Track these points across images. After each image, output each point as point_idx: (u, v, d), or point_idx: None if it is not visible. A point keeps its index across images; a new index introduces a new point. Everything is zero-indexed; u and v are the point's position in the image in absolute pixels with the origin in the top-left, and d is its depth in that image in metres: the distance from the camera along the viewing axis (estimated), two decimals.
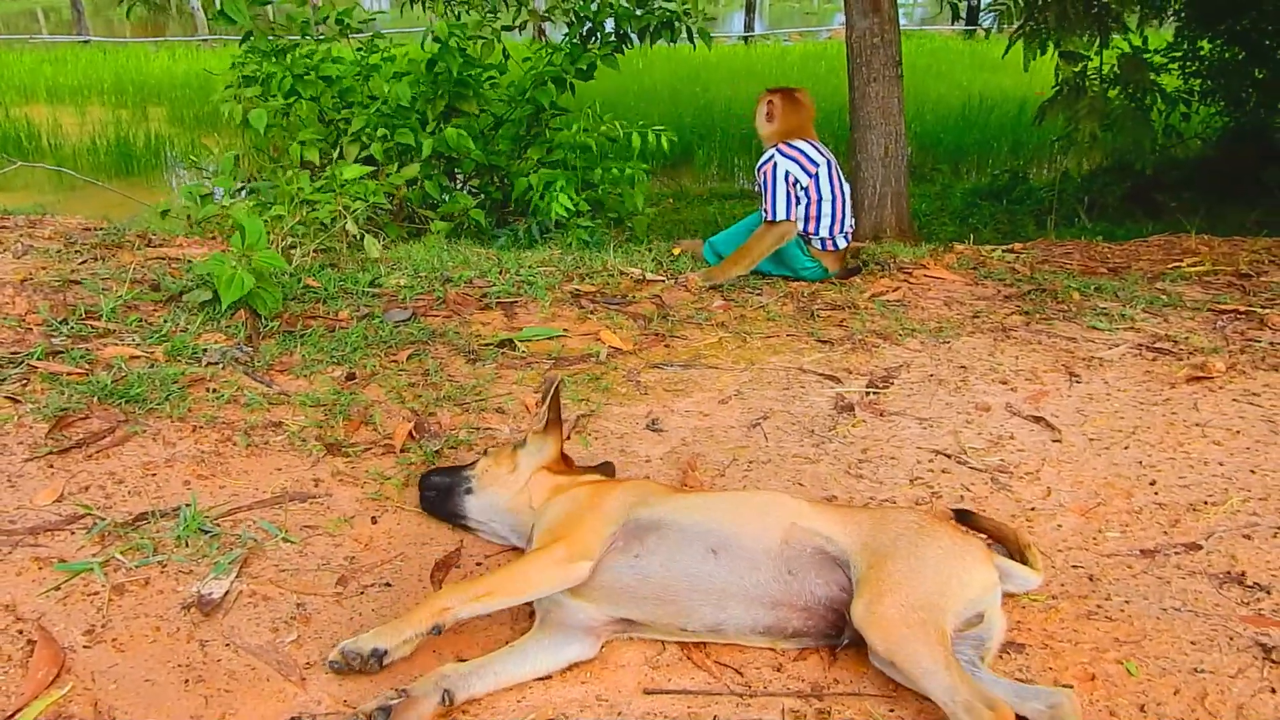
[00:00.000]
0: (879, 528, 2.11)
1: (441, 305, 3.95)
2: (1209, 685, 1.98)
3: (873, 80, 7.34)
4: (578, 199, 5.97)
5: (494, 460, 2.46)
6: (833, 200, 4.34)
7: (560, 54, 6.62)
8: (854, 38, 7.35)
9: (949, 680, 1.81)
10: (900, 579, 1.97)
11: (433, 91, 6.55)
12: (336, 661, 1.99)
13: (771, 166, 4.29)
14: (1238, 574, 2.33)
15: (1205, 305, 4.02)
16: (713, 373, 3.43)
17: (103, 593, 2.20)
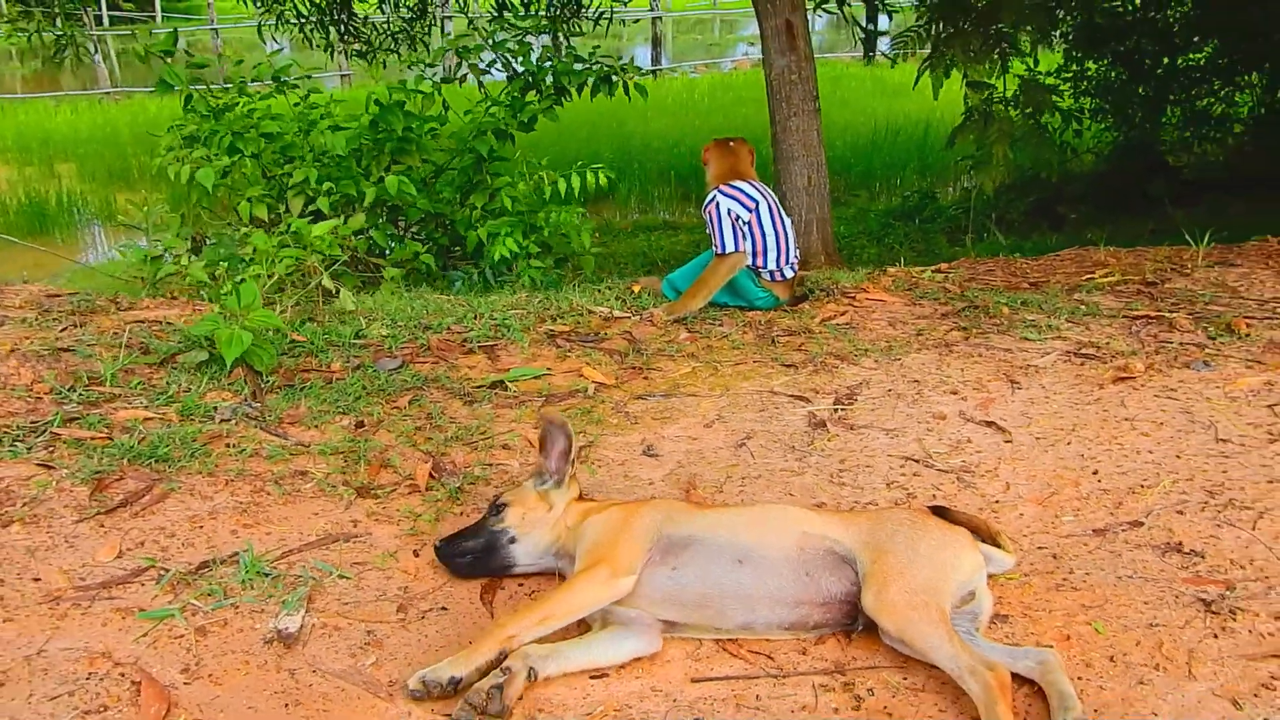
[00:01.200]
0: (876, 526, 2.45)
1: (427, 352, 4.20)
2: (1164, 636, 2.36)
3: (793, 115, 7.77)
4: (526, 241, 6.26)
5: (525, 506, 2.67)
6: (775, 235, 4.72)
7: (501, 108, 6.92)
8: (773, 75, 7.77)
9: (952, 650, 2.15)
10: (901, 569, 2.31)
11: (376, 147, 6.79)
12: (417, 690, 2.22)
13: (714, 205, 4.67)
14: (1175, 544, 2.72)
15: (1120, 312, 4.48)
16: (693, 400, 3.75)
17: (187, 635, 2.42)
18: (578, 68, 7.03)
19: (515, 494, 2.74)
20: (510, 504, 2.70)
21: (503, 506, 2.70)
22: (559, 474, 2.71)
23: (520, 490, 2.75)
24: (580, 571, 2.41)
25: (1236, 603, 2.46)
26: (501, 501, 2.72)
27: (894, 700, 2.21)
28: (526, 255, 6.20)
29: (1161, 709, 2.14)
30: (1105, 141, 12.29)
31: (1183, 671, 2.24)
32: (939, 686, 2.24)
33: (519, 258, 6.20)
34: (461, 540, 2.67)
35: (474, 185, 7.06)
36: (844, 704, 2.20)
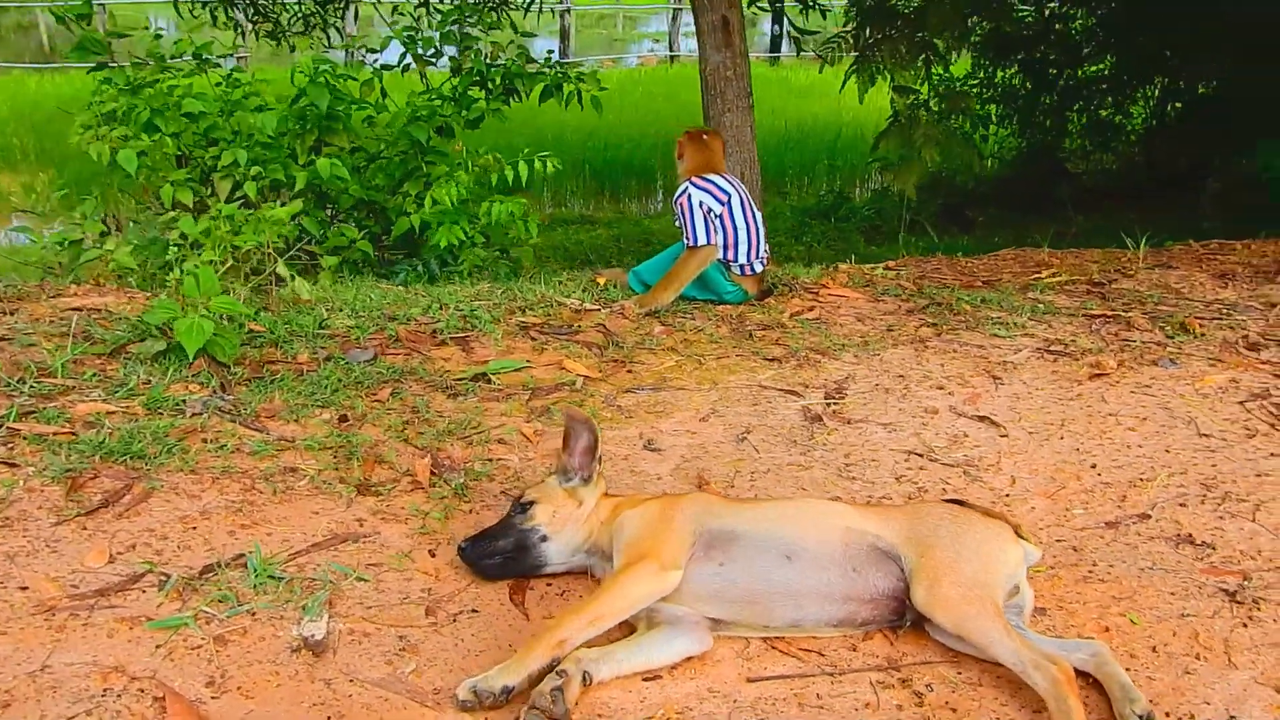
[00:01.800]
0: (916, 521, 2.44)
1: (397, 343, 4.04)
2: (1197, 626, 2.41)
3: (727, 110, 7.78)
4: (471, 230, 6.10)
5: (554, 503, 2.57)
6: (747, 228, 4.70)
7: (448, 104, 6.73)
8: (708, 71, 7.77)
9: (1013, 645, 2.15)
10: (950, 563, 2.30)
11: (300, 126, 6.53)
12: (468, 700, 2.10)
13: (686, 198, 4.63)
14: (1186, 536, 2.79)
15: (1077, 311, 4.61)
16: (683, 394, 3.70)
17: (206, 645, 2.26)
18: (531, 71, 6.89)
19: (541, 491, 2.64)
20: (538, 501, 2.59)
21: (530, 504, 2.59)
22: (586, 470, 2.62)
23: (545, 487, 2.65)
24: (625, 567, 2.33)
25: (1257, 593, 2.53)
26: (527, 500, 2.61)
27: (954, 696, 2.20)
28: (471, 244, 6.04)
29: (1212, 698, 2.18)
30: (1009, 148, 12.71)
31: (1223, 660, 2.29)
32: (995, 681, 2.24)
33: (464, 247, 6.03)
34: (489, 541, 2.55)
35: (410, 173, 6.85)
36: (906, 701, 2.18)
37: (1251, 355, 4.06)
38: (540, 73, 7.11)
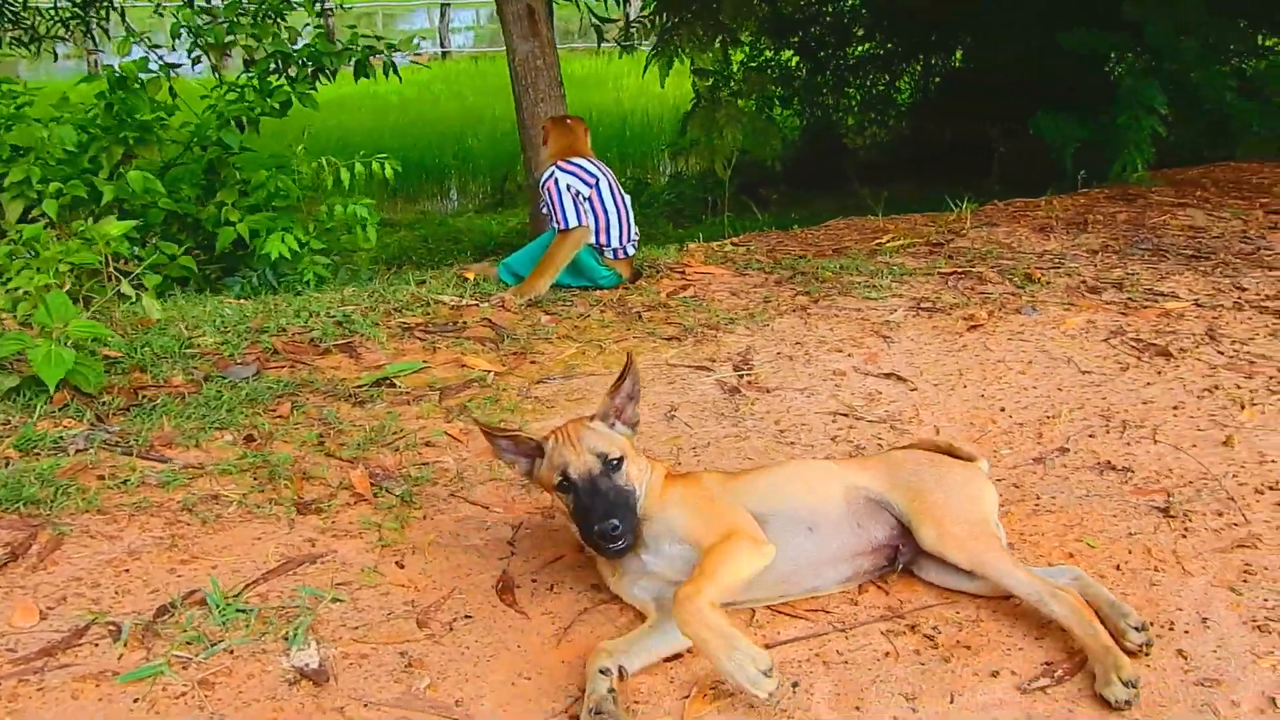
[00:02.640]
0: (896, 469, 2.51)
1: (277, 356, 3.79)
2: (1146, 542, 2.60)
3: (540, 101, 7.73)
4: (307, 237, 5.79)
5: (634, 459, 2.36)
6: (617, 211, 4.69)
7: (250, 91, 6.34)
8: (517, 61, 7.70)
9: (1025, 576, 2.25)
10: (945, 504, 2.38)
11: (108, 137, 6.01)
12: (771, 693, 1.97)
13: (553, 182, 4.57)
14: (1105, 463, 3.01)
15: (931, 271, 4.86)
16: (597, 379, 3.65)
17: (190, 691, 2.05)
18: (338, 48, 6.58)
19: (614, 441, 2.36)
20: (626, 457, 2.33)
21: (620, 461, 2.31)
22: (635, 420, 2.47)
23: (614, 438, 2.38)
24: (723, 542, 2.17)
25: (1184, 506, 2.75)
26: (614, 455, 2.31)
27: (962, 634, 2.28)
28: (310, 252, 5.73)
29: (1182, 604, 2.36)
30: (791, 127, 13.24)
31: (1179, 570, 2.49)
32: (993, 615, 2.34)
33: (300, 256, 5.71)
34: (610, 515, 2.22)
35: (222, 180, 6.42)
36: (921, 645, 2.25)
37: (1095, 298, 4.42)
38: (348, 49, 6.81)
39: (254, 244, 5.78)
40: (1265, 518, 2.70)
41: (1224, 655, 2.18)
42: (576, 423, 2.41)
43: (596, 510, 2.22)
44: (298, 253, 5.60)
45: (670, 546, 2.27)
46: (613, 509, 2.22)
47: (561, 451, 2.32)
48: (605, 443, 2.34)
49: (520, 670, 2.15)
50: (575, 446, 2.32)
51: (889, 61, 12.84)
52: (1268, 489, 2.84)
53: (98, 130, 5.98)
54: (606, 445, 2.33)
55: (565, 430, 2.38)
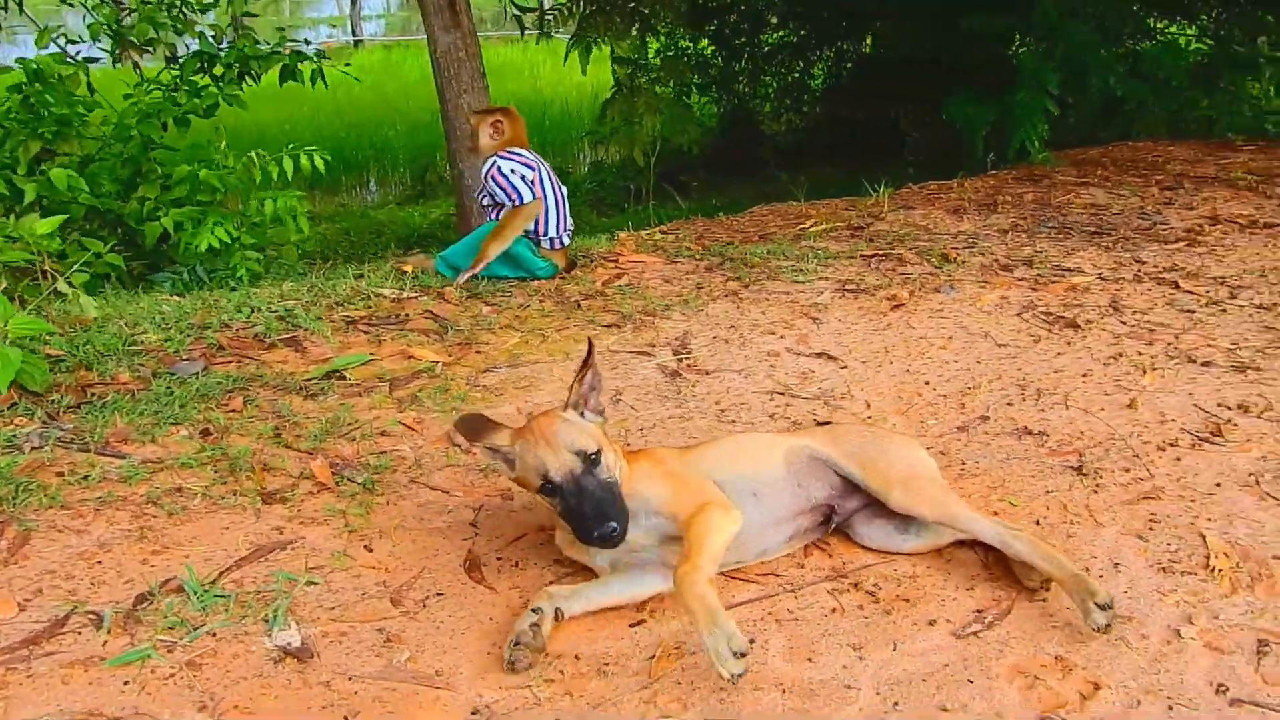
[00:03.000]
0: (839, 438, 2.69)
1: (223, 352, 3.84)
2: (1062, 499, 2.83)
3: (464, 92, 7.80)
4: (238, 231, 5.78)
5: (609, 447, 2.39)
6: (555, 200, 4.80)
7: (182, 92, 6.29)
8: (439, 52, 7.75)
9: (987, 522, 2.47)
10: (902, 467, 2.58)
11: (25, 131, 5.92)
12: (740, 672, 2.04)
13: (496, 169, 4.66)
14: (1023, 428, 3.24)
15: (854, 254, 5.08)
16: (542, 367, 3.78)
17: (178, 673, 2.14)
18: (263, 50, 6.56)
19: (590, 433, 2.37)
20: (602, 449, 2.34)
21: (597, 455, 2.32)
22: (602, 407, 2.51)
23: (588, 428, 2.40)
24: (699, 513, 2.30)
25: (1094, 465, 2.99)
26: (591, 451, 2.32)
27: (901, 589, 2.47)
28: (241, 246, 5.73)
29: (1096, 552, 2.58)
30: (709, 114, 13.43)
31: (1092, 522, 2.72)
32: (927, 570, 2.54)
33: (231, 249, 5.71)
34: (605, 517, 2.24)
35: (143, 175, 6.36)
36: (864, 600, 2.43)
37: (1007, 275, 4.68)
38: (275, 52, 6.80)
39: (180, 238, 5.76)
40: (1166, 472, 2.95)
41: (1134, 595, 2.41)
42: (549, 416, 2.40)
43: (589, 513, 2.23)
44: (229, 246, 5.60)
45: (646, 519, 2.38)
46: (603, 507, 2.24)
47: (537, 453, 2.30)
48: (582, 437, 2.33)
49: (494, 640, 2.27)
50: (552, 444, 2.30)
51: (802, 49, 13.08)
52: (1168, 445, 3.10)
53: (13, 125, 5.89)
54: (584, 440, 2.32)
55: (538, 427, 2.36)
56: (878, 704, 2.09)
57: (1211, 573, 2.49)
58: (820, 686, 2.15)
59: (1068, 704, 2.08)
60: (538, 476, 2.31)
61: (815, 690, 2.14)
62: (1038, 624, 2.33)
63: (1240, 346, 3.79)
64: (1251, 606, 2.37)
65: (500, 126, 4.80)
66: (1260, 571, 2.49)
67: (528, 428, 2.39)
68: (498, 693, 2.12)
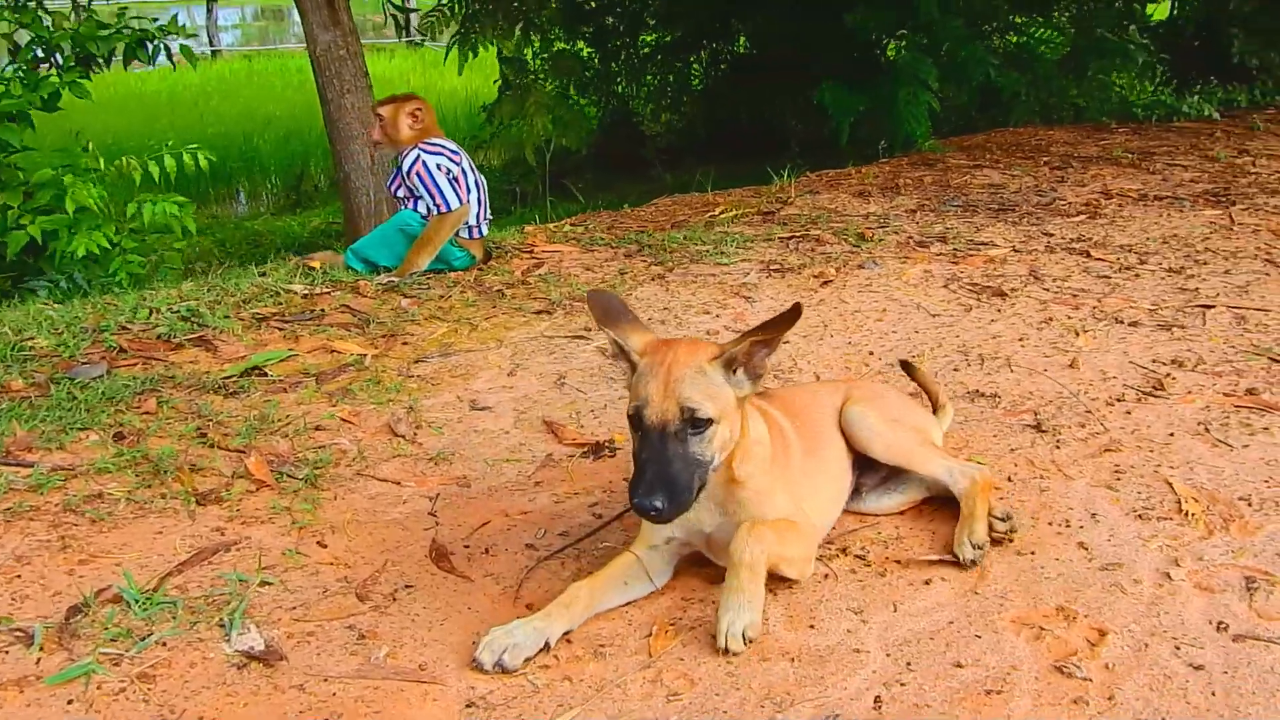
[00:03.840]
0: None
1: (125, 354, 3.55)
2: (1028, 455, 2.82)
3: (347, 92, 7.52)
4: (118, 236, 5.41)
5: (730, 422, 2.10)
6: (478, 189, 4.63)
7: (16, 84, 5.84)
8: (319, 52, 7.46)
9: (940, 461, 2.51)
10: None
11: None
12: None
13: (421, 165, 4.45)
14: (975, 391, 3.24)
15: (771, 236, 5.05)
16: (476, 355, 3.60)
17: (130, 686, 1.92)
18: (103, 33, 6.12)
19: (716, 399, 2.00)
20: (719, 422, 2.01)
21: (706, 424, 1.99)
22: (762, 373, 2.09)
23: (719, 392, 2.01)
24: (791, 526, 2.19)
25: (1051, 422, 3.00)
26: (702, 415, 1.97)
27: (890, 551, 2.41)
28: (122, 251, 5.36)
29: (1072, 504, 2.57)
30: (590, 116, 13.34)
31: (1062, 476, 2.71)
32: (911, 531, 2.49)
33: (111, 255, 5.33)
34: (657, 490, 1.94)
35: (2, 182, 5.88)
36: (855, 565, 2.36)
37: (925, 250, 4.72)
38: (117, 32, 6.37)
39: (53, 246, 5.36)
40: (1120, 425, 2.98)
41: (1117, 543, 2.40)
42: (691, 352, 2.02)
43: (648, 474, 1.94)
44: (108, 251, 5.23)
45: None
46: (667, 478, 1.94)
47: (649, 382, 1.98)
48: (703, 397, 1.97)
49: (477, 629, 2.11)
50: (667, 384, 1.97)
51: (678, 49, 13.10)
52: (1116, 400, 3.13)
53: None
54: (702, 400, 1.97)
55: (671, 356, 2.00)
56: (890, 666, 2.02)
57: (1186, 517, 2.50)
58: (829, 653, 2.06)
59: (1078, 651, 2.05)
60: (634, 403, 2.00)
61: (824, 657, 2.05)
62: (1030, 576, 2.29)
63: (1161, 307, 3.89)
64: (1230, 546, 2.38)
65: (420, 115, 4.59)
66: (1230, 513, 2.51)
67: (664, 349, 2.03)
68: (491, 683, 1.96)
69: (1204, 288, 4.08)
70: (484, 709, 1.90)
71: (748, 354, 2.03)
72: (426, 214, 4.51)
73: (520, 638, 2.01)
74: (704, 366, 2.01)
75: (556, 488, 2.72)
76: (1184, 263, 4.41)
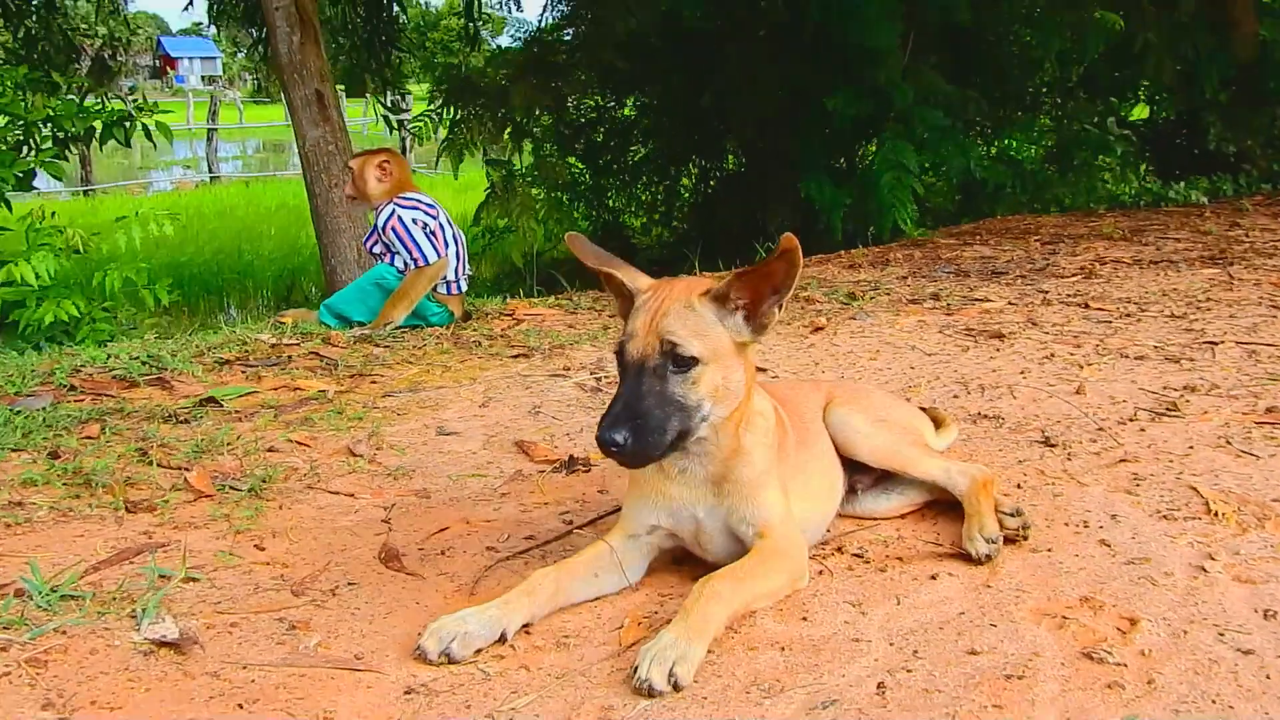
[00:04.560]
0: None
1: (75, 391, 3.34)
2: (1039, 466, 2.60)
3: (334, 186, 7.49)
4: (89, 306, 5.27)
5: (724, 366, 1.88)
6: (456, 243, 4.51)
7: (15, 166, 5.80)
8: (307, 148, 7.47)
9: (936, 462, 2.28)
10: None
11: None
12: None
13: (396, 219, 4.34)
14: (978, 414, 3.03)
15: None
16: (448, 390, 3.40)
17: (16, 670, 1.65)
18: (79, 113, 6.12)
19: (704, 334, 1.81)
20: (707, 364, 1.80)
21: (689, 363, 1.79)
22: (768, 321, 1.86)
23: (709, 330, 1.82)
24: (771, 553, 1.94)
25: (1061, 438, 2.79)
26: (684, 353, 1.78)
27: (890, 550, 2.17)
28: (90, 320, 5.20)
29: (1090, 508, 2.34)
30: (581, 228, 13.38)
31: (1076, 483, 2.49)
32: (913, 532, 2.26)
33: (81, 322, 5.17)
34: (621, 423, 1.75)
35: None
36: (853, 563, 2.12)
37: (918, 306, 4.57)
38: (95, 112, 6.36)
39: (15, 315, 5.20)
40: (1135, 441, 2.76)
41: (1142, 540, 2.17)
42: (685, 289, 1.85)
43: (617, 408, 1.75)
44: (78, 320, 5.08)
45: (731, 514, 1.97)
46: (636, 413, 1.75)
47: (637, 315, 1.82)
48: (688, 333, 1.79)
49: (425, 622, 1.85)
50: (654, 317, 1.80)
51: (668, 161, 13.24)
52: (1129, 420, 2.92)
53: None
54: (687, 337, 1.79)
55: (664, 291, 1.85)
56: (894, 654, 1.76)
57: (1215, 517, 2.27)
58: (824, 642, 1.81)
59: (1108, 638, 1.80)
60: (620, 338, 1.85)
61: (819, 646, 1.79)
62: (1048, 571, 2.05)
63: (1167, 344, 3.71)
64: (1268, 542, 2.15)
65: (387, 168, 4.50)
66: (1264, 513, 2.29)
67: (664, 285, 1.89)
68: (435, 671, 1.70)
69: (1210, 328, 3.92)
70: (425, 695, 1.64)
71: (740, 290, 1.83)
72: (403, 269, 4.37)
73: (473, 626, 1.76)
74: (693, 302, 1.83)
75: (525, 499, 2.49)
76: (1186, 310, 4.26)
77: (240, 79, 54.85)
